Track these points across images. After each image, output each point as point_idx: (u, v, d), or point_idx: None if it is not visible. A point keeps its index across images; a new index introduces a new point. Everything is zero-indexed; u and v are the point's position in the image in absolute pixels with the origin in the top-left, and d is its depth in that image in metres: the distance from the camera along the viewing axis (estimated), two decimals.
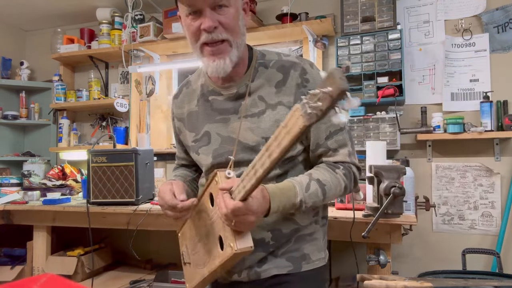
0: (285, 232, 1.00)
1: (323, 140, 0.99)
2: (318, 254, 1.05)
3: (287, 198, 0.89)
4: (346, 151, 1.00)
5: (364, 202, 1.81)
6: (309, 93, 0.60)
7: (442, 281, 1.51)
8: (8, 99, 3.20)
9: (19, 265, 2.45)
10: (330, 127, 0.98)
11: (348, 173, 0.99)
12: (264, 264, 0.99)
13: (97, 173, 2.13)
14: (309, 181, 0.93)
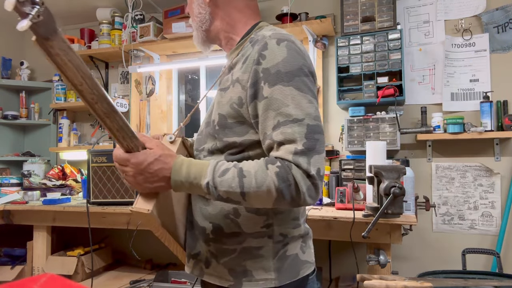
0: (226, 232, 0.92)
1: (270, 130, 0.82)
2: (265, 274, 0.89)
3: (194, 175, 0.81)
4: (292, 147, 0.79)
5: (364, 202, 1.81)
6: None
7: (442, 281, 1.51)
8: (8, 99, 3.20)
9: (19, 265, 2.45)
10: (279, 115, 0.81)
11: (284, 173, 0.77)
12: (210, 266, 0.94)
13: (97, 173, 2.14)
14: (230, 167, 0.81)
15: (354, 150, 2.33)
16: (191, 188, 0.82)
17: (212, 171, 0.80)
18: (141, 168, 0.80)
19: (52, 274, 0.51)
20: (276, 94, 0.81)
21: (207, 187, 0.80)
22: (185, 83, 3.29)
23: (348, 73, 2.32)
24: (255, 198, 0.79)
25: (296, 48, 0.86)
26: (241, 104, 0.87)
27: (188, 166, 0.82)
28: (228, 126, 0.90)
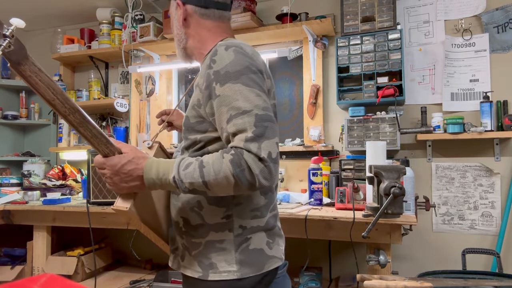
0: (193, 224, 1.02)
1: (225, 124, 0.92)
2: (228, 266, 0.98)
3: (163, 172, 0.90)
4: (243, 136, 0.87)
5: (364, 202, 1.81)
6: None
7: (442, 281, 1.51)
8: (8, 99, 3.20)
9: (19, 265, 2.45)
10: (230, 109, 0.90)
11: (237, 159, 0.85)
12: (185, 259, 1.05)
13: (97, 173, 2.14)
14: (193, 161, 0.90)
15: (354, 150, 2.33)
16: (162, 185, 0.92)
17: (177, 167, 0.90)
18: (116, 169, 0.91)
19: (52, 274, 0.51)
20: (226, 92, 0.92)
21: (174, 181, 0.89)
22: (185, 83, 3.29)
23: (348, 73, 2.32)
24: (216, 185, 0.87)
25: (243, 52, 0.97)
26: (199, 105, 1.00)
27: (157, 165, 0.92)
28: (191, 125, 1.03)
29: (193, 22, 1.10)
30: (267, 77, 1.02)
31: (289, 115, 2.83)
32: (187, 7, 1.10)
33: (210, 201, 1.00)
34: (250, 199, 1.01)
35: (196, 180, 0.88)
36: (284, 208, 1.92)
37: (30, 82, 0.80)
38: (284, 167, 2.61)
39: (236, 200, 1.00)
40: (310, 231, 1.75)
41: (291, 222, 1.82)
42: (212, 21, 1.11)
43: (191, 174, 0.88)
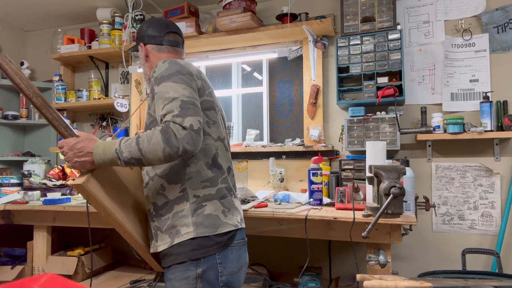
0: (159, 204, 1.25)
1: (160, 111, 1.16)
2: (187, 228, 1.21)
3: (108, 148, 1.14)
4: (170, 114, 1.12)
5: (364, 202, 1.81)
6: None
7: (442, 281, 1.51)
8: (8, 99, 3.20)
9: (20, 265, 2.45)
10: (164, 100, 1.16)
11: (165, 128, 1.10)
12: (158, 239, 1.25)
13: None
14: (131, 137, 1.14)
15: (354, 150, 2.33)
16: (107, 158, 1.13)
17: (119, 142, 1.14)
18: (71, 145, 1.16)
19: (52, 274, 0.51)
20: (161, 88, 1.19)
21: (116, 152, 1.12)
22: None
23: (348, 73, 2.32)
24: (149, 151, 1.09)
25: (175, 62, 1.26)
26: (149, 107, 1.28)
27: (104, 143, 1.16)
28: (146, 126, 1.30)
29: (152, 57, 1.42)
30: (199, 78, 1.29)
31: (289, 115, 2.83)
32: (147, 47, 1.44)
33: (169, 181, 1.24)
34: (199, 173, 1.24)
35: (133, 148, 1.11)
36: (284, 208, 1.92)
37: (2, 68, 1.06)
38: (284, 167, 2.61)
39: (188, 176, 1.23)
40: (310, 231, 1.75)
41: (291, 222, 1.82)
42: (166, 53, 1.43)
43: (129, 144, 1.12)
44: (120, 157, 1.12)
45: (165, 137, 1.08)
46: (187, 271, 1.18)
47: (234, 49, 2.83)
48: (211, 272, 1.19)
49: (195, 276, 1.18)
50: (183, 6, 2.64)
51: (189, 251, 1.19)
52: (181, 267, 1.19)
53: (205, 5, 2.88)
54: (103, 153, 1.13)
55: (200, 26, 2.72)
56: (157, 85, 1.21)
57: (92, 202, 1.18)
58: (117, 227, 1.26)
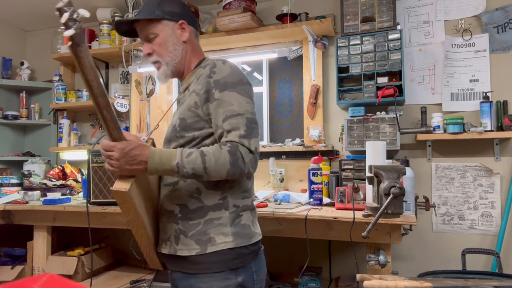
0: (191, 208, 1.18)
1: (221, 122, 1.13)
2: (224, 238, 1.16)
3: (166, 159, 1.08)
4: (237, 133, 1.11)
5: (364, 202, 1.81)
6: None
7: (442, 281, 1.51)
8: (8, 99, 3.20)
9: (20, 265, 2.45)
10: (226, 111, 1.13)
11: (234, 150, 1.09)
12: (179, 243, 1.18)
13: (97, 173, 2.14)
14: (193, 151, 1.09)
15: (354, 150, 2.33)
16: (164, 169, 1.08)
17: (180, 154, 1.08)
18: (124, 152, 1.05)
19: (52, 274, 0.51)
20: (224, 97, 1.14)
21: (177, 166, 1.07)
22: None
23: (348, 73, 2.32)
24: (214, 171, 1.08)
25: (235, 67, 1.21)
26: (197, 106, 1.18)
27: (160, 153, 1.09)
28: (188, 125, 1.19)
29: (190, 41, 1.30)
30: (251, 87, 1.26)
31: (289, 115, 2.83)
32: (191, 28, 1.30)
33: (207, 186, 1.18)
34: (240, 183, 1.21)
35: (198, 166, 1.07)
36: (284, 208, 1.92)
37: (82, 62, 0.92)
38: (284, 167, 2.61)
39: (230, 184, 1.19)
40: (310, 231, 1.76)
41: (291, 222, 1.82)
42: (197, 42, 1.35)
43: (193, 161, 1.07)
44: (180, 172, 1.07)
45: (233, 159, 1.07)
46: (226, 280, 1.15)
47: (234, 49, 2.83)
48: (249, 281, 1.19)
49: (235, 285, 1.16)
50: None
51: (228, 260, 1.16)
52: (218, 276, 1.15)
53: (205, 5, 2.88)
54: (159, 164, 1.07)
55: (200, 26, 2.72)
56: (219, 90, 1.15)
57: (127, 208, 1.10)
58: (138, 230, 1.19)
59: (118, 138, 1.07)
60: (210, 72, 1.18)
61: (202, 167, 1.07)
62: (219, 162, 1.07)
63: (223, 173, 1.08)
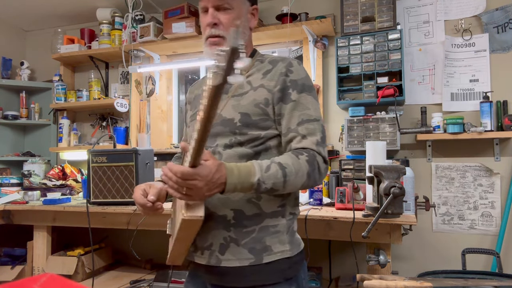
0: (247, 214, 1.05)
1: (295, 125, 1.05)
2: (281, 246, 1.07)
3: (245, 176, 0.93)
4: (314, 139, 1.04)
5: (364, 202, 1.81)
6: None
7: (442, 281, 1.51)
8: (8, 99, 3.20)
9: (19, 265, 2.45)
10: (303, 115, 1.06)
11: (312, 160, 1.01)
12: (226, 252, 1.04)
13: (97, 173, 2.14)
14: (270, 163, 0.97)
15: (354, 150, 2.33)
16: (242, 187, 0.94)
17: (259, 169, 0.95)
18: (208, 179, 0.88)
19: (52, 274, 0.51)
20: (301, 99, 1.07)
21: (258, 183, 0.94)
22: (185, 83, 3.29)
23: (348, 73, 2.32)
24: (293, 184, 0.98)
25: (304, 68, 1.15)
26: (267, 104, 1.07)
27: (238, 170, 0.94)
28: (254, 122, 1.06)
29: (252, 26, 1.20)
30: None
31: None
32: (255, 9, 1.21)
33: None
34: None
35: (279, 180, 0.96)
36: None
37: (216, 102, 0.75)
38: None
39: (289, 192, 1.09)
40: (310, 231, 1.75)
41: None
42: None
43: (274, 175, 0.96)
44: (259, 188, 0.95)
45: (310, 169, 1.00)
46: None
47: None
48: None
49: None
50: (183, 6, 2.64)
51: (286, 270, 1.08)
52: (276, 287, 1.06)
53: None
54: (238, 182, 0.93)
55: (200, 26, 2.72)
56: (297, 92, 1.07)
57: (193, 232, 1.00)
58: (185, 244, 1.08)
59: (196, 164, 0.87)
60: (287, 71, 1.09)
61: (282, 181, 0.97)
62: (298, 175, 0.98)
63: (298, 186, 1.01)
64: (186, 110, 1.34)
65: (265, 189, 0.96)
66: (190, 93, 1.33)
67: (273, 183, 0.95)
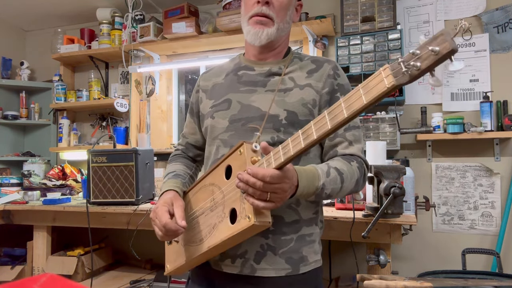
0: (287, 221, 1.00)
1: (342, 131, 1.03)
2: (315, 256, 1.04)
3: (311, 179, 0.88)
4: (360, 146, 1.04)
5: (364, 202, 1.81)
6: (409, 52, 0.58)
7: (442, 281, 1.51)
8: (8, 99, 3.20)
9: (19, 265, 2.45)
10: (351, 123, 1.03)
11: (361, 167, 1.01)
12: (262, 261, 0.97)
13: (97, 173, 2.14)
14: (328, 168, 0.93)
15: None
16: (307, 193, 0.89)
17: (323, 174, 0.91)
18: (293, 181, 0.83)
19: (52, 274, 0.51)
20: None
21: (322, 187, 0.90)
22: (185, 83, 3.29)
23: (348, 73, 2.32)
24: (346, 190, 0.96)
25: None
26: (314, 105, 1.04)
27: (305, 173, 0.88)
28: (298, 121, 1.01)
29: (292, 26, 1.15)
30: None
31: None
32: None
33: None
34: None
35: (337, 186, 0.93)
36: None
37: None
38: None
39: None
40: None
41: None
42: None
43: (334, 181, 0.93)
44: (321, 193, 0.91)
45: (359, 176, 0.99)
46: None
47: (234, 49, 2.83)
48: None
49: None
50: (183, 6, 2.64)
51: (317, 280, 1.05)
52: None
53: (205, 5, 2.87)
54: (306, 185, 0.87)
55: (200, 26, 2.72)
56: (343, 95, 1.03)
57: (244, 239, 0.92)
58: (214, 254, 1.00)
59: (283, 167, 0.80)
60: (334, 74, 1.07)
61: (339, 187, 0.94)
62: (352, 181, 0.97)
63: (348, 192, 0.99)
64: (200, 99, 1.19)
65: (325, 194, 0.92)
66: (205, 80, 1.20)
67: (332, 189, 0.92)
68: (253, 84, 1.07)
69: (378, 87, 0.61)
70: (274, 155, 0.79)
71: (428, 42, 0.56)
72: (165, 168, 1.29)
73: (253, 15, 1.04)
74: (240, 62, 1.15)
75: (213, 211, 0.94)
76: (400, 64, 0.59)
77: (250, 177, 0.79)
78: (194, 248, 0.99)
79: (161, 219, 0.95)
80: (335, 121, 0.68)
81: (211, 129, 1.09)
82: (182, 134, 1.29)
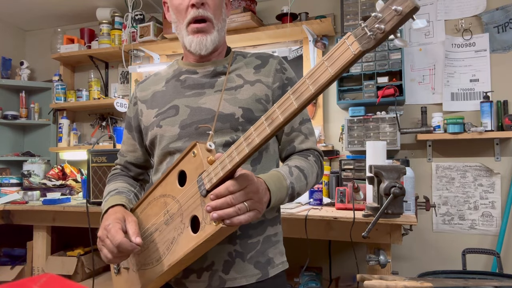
0: (253, 223, 0.94)
1: (298, 125, 1.03)
2: (281, 257, 1.01)
3: (278, 182, 0.85)
4: (314, 139, 1.05)
5: (364, 202, 1.81)
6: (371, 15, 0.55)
7: (442, 281, 1.50)
8: (8, 99, 3.20)
9: (19, 265, 2.45)
10: (303, 114, 1.04)
11: (318, 160, 1.03)
12: (231, 270, 0.91)
13: (97, 173, 2.13)
14: (289, 168, 0.92)
15: (354, 150, 2.33)
16: (280, 196, 0.86)
17: (287, 174, 0.89)
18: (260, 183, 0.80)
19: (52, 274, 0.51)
20: None
21: (291, 186, 0.89)
22: None
23: (348, 73, 2.32)
24: (309, 185, 0.97)
25: None
26: (268, 100, 1.01)
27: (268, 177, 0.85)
28: (255, 118, 0.95)
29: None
30: None
31: None
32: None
33: None
34: None
35: (303, 183, 0.93)
36: (284, 208, 1.92)
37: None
38: None
39: None
40: (310, 231, 1.75)
41: (291, 222, 1.82)
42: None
43: (299, 178, 0.92)
44: (293, 192, 0.90)
45: (317, 168, 1.01)
46: None
47: (234, 49, 2.82)
48: None
49: None
50: None
51: (285, 283, 1.01)
52: None
53: None
54: (276, 188, 0.84)
55: None
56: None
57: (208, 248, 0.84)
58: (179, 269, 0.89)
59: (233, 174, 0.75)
60: (281, 68, 1.05)
61: (305, 183, 0.93)
62: (313, 176, 0.97)
63: (311, 187, 0.99)
64: (140, 111, 1.08)
65: (296, 193, 0.91)
66: (142, 90, 1.11)
67: (299, 186, 0.91)
68: (199, 86, 1.01)
69: (344, 56, 0.58)
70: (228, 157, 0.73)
71: (390, 3, 0.54)
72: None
73: (191, 21, 0.98)
74: (180, 67, 1.08)
75: (169, 225, 0.85)
76: (364, 29, 0.56)
77: (218, 201, 0.74)
78: (151, 270, 0.88)
79: (115, 238, 0.82)
80: (301, 99, 0.63)
81: (160, 139, 1.00)
82: (119, 153, 1.17)
